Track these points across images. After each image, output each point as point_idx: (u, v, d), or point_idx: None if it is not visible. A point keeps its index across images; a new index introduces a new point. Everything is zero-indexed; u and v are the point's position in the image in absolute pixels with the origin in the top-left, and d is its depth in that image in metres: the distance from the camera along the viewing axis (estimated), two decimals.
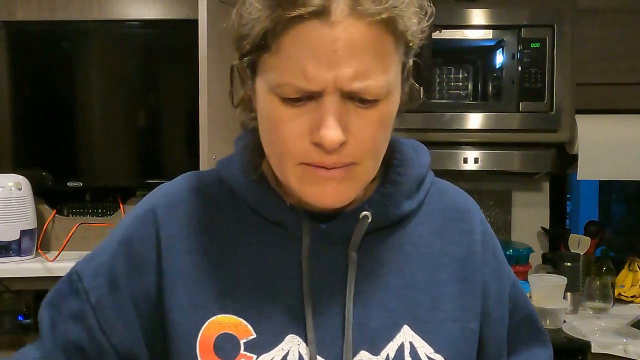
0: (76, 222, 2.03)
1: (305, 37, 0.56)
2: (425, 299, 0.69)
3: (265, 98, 0.62)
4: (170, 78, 2.12)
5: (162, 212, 0.70)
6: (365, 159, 0.62)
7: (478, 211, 0.77)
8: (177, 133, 2.14)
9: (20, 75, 2.08)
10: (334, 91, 0.58)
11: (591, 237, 2.06)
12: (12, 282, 1.86)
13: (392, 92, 0.61)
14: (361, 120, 0.60)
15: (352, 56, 0.56)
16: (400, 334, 0.66)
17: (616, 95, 1.95)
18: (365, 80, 0.57)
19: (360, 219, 0.67)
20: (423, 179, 0.74)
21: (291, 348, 0.64)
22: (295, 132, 0.60)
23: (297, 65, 0.57)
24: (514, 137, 1.91)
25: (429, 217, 0.73)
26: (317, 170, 0.61)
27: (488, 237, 0.76)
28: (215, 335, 0.65)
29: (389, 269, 0.69)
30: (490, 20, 1.89)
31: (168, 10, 2.07)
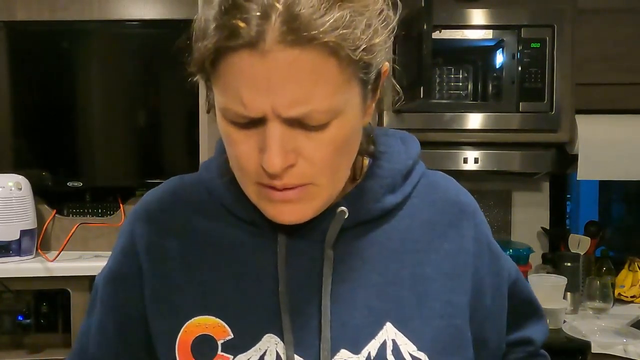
0: (76, 222, 2.03)
1: (239, 67, 0.55)
2: (409, 295, 0.67)
3: (218, 118, 0.61)
4: (170, 78, 2.12)
5: (139, 224, 0.71)
6: (321, 179, 0.60)
7: (471, 203, 0.75)
8: (177, 133, 2.14)
9: (20, 75, 2.08)
10: (275, 117, 0.56)
11: (591, 237, 2.06)
12: (12, 282, 1.86)
13: (342, 113, 0.58)
14: (310, 143, 0.58)
15: (287, 84, 0.54)
16: (382, 331, 0.65)
17: (616, 95, 1.95)
18: (305, 105, 0.55)
19: (337, 215, 0.66)
20: (410, 171, 0.71)
21: (269, 348, 0.64)
22: (246, 154, 0.59)
23: (235, 93, 0.56)
24: (514, 137, 1.91)
25: (417, 211, 0.71)
26: (270, 191, 0.60)
27: (481, 230, 0.74)
28: (193, 338, 0.65)
29: (371, 266, 0.67)
30: (490, 20, 1.89)
31: (168, 10, 2.07)
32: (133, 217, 0.73)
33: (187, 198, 0.72)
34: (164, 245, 0.69)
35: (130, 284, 0.71)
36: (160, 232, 0.70)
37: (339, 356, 0.64)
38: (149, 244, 0.70)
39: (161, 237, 0.70)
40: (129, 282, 0.71)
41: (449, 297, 0.69)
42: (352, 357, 0.64)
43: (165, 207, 0.72)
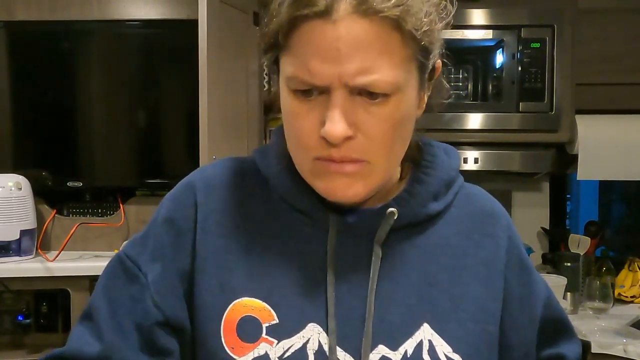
0: (76, 222, 2.03)
1: (310, 36, 0.59)
2: (446, 298, 0.69)
3: (283, 94, 0.65)
4: (170, 78, 2.12)
5: (200, 194, 0.73)
6: (377, 157, 0.63)
7: (505, 216, 0.78)
8: (177, 133, 2.14)
9: (20, 75, 2.08)
10: (340, 86, 0.60)
11: (591, 237, 2.06)
12: (12, 282, 1.86)
13: (403, 90, 0.62)
14: (369, 117, 0.61)
15: (356, 52, 0.58)
16: (419, 331, 0.67)
17: (616, 95, 1.95)
18: (371, 75, 0.59)
19: (387, 215, 0.69)
20: (452, 181, 0.75)
21: (312, 336, 0.65)
22: (307, 127, 0.63)
23: (304, 62, 0.60)
24: (514, 137, 1.91)
25: (456, 220, 0.74)
26: (328, 164, 0.63)
27: (514, 243, 0.76)
28: (239, 317, 0.67)
29: (411, 267, 0.70)
30: (490, 21, 1.89)
31: (168, 10, 2.07)
32: (191, 185, 0.74)
33: (244, 181, 0.74)
34: (219, 222, 0.71)
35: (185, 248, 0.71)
36: (218, 207, 0.72)
37: (377, 351, 0.65)
38: (207, 216, 0.71)
39: (218, 213, 0.71)
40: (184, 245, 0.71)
41: (483, 303, 0.71)
42: (390, 353, 0.65)
43: (226, 185, 0.73)
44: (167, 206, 0.74)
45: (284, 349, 0.65)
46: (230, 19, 1.76)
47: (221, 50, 1.68)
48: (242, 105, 1.86)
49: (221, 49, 1.68)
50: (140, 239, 0.75)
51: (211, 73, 1.60)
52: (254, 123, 1.93)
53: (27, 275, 1.85)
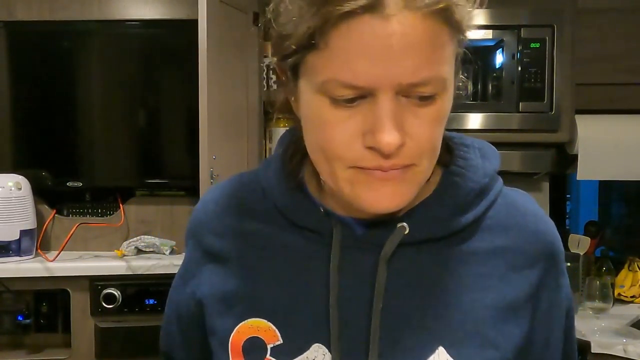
0: (76, 222, 2.03)
1: (357, 34, 0.52)
2: (467, 321, 0.63)
3: (311, 100, 0.58)
4: (170, 78, 2.12)
5: (201, 224, 0.74)
6: (423, 159, 0.59)
7: (549, 232, 0.70)
8: (177, 133, 2.14)
9: (20, 75, 2.08)
10: (388, 89, 0.54)
11: (591, 237, 2.06)
12: (12, 282, 1.86)
13: (447, 87, 0.57)
14: (418, 120, 0.56)
15: (409, 50, 0.53)
16: (434, 355, 0.61)
17: (616, 95, 1.95)
18: (423, 74, 0.54)
19: (396, 230, 0.63)
20: (485, 189, 0.67)
21: (316, 357, 0.63)
22: (346, 136, 0.56)
23: (347, 62, 0.53)
24: (514, 137, 1.91)
25: (489, 235, 0.66)
26: (372, 172, 0.57)
27: (556, 261, 0.69)
28: (245, 339, 0.66)
29: (430, 285, 0.64)
30: (490, 20, 1.89)
31: (168, 10, 2.07)
32: (194, 216, 0.76)
33: (243, 200, 0.72)
34: (222, 247, 0.71)
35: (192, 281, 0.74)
36: (217, 234, 0.72)
37: None
38: (210, 246, 0.72)
39: (219, 239, 0.71)
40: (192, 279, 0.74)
41: (506, 329, 0.64)
42: None
43: (220, 210, 0.73)
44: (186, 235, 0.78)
45: None
46: (230, 19, 1.76)
47: (221, 50, 1.68)
48: (242, 105, 1.86)
49: (221, 49, 1.68)
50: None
51: (211, 73, 1.60)
52: (254, 123, 1.93)
53: (27, 275, 1.85)
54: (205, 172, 1.59)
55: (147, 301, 1.85)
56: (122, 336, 1.86)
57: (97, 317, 1.88)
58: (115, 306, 1.86)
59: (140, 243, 1.99)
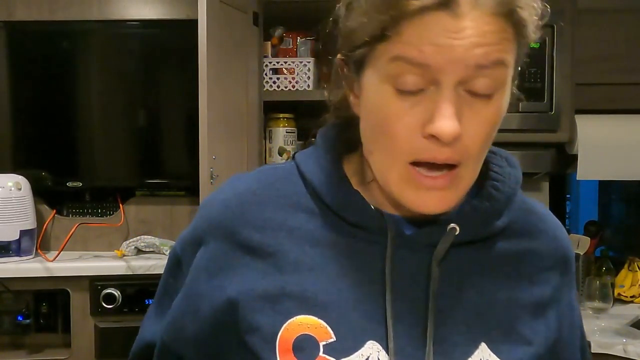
0: (76, 222, 2.03)
1: (430, 27, 0.55)
2: (503, 318, 0.67)
3: (376, 90, 0.60)
4: (170, 78, 2.12)
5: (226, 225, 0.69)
6: (472, 160, 0.61)
7: (565, 238, 0.76)
8: (177, 133, 2.14)
9: (20, 75, 2.08)
10: (452, 75, 0.56)
11: (591, 237, 2.06)
12: (11, 282, 1.86)
13: (506, 88, 0.60)
14: (474, 116, 0.58)
15: (477, 47, 0.56)
16: (478, 351, 0.65)
17: (616, 95, 1.95)
18: (490, 57, 0.56)
19: (448, 231, 0.65)
20: (514, 195, 0.71)
21: (371, 354, 0.63)
22: (406, 126, 0.58)
23: (417, 45, 0.56)
24: (514, 137, 1.91)
25: (515, 237, 0.71)
26: (422, 179, 0.60)
27: (570, 265, 0.75)
28: (295, 336, 0.64)
29: (470, 285, 0.67)
30: None
31: (168, 10, 2.07)
32: (225, 206, 0.70)
33: (283, 192, 0.70)
34: (263, 241, 0.67)
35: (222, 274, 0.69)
36: (257, 228, 0.68)
37: None
38: (247, 239, 0.68)
39: (260, 232, 0.68)
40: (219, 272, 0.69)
41: (537, 326, 0.69)
42: None
43: (261, 200, 0.69)
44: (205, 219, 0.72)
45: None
46: (230, 19, 1.76)
47: (221, 50, 1.68)
48: (242, 105, 1.86)
49: (221, 49, 1.68)
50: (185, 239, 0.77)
51: (211, 73, 1.60)
52: (253, 123, 1.93)
53: (27, 275, 1.85)
54: (205, 172, 1.59)
55: (147, 301, 1.85)
56: (122, 336, 1.85)
57: (97, 317, 1.88)
58: (115, 306, 1.86)
59: (140, 243, 1.99)
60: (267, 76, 1.99)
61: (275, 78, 2.00)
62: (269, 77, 1.99)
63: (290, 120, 2.05)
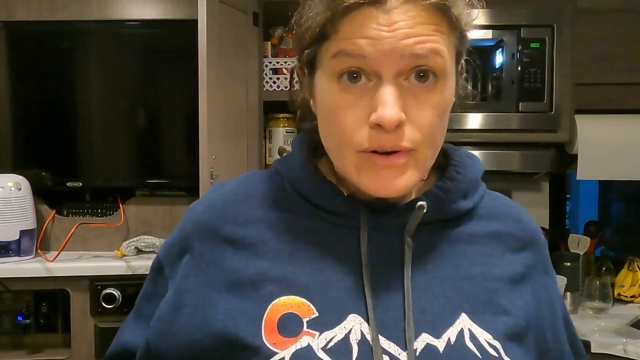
0: (76, 222, 2.03)
1: (363, 22, 0.60)
2: (480, 291, 0.70)
3: (325, 88, 0.65)
4: (170, 78, 2.12)
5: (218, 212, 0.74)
6: (423, 146, 0.64)
7: (532, 222, 0.79)
8: (177, 133, 2.14)
9: (20, 75, 2.08)
10: (392, 67, 0.60)
11: (591, 237, 2.06)
12: (11, 282, 1.86)
13: (448, 76, 0.64)
14: (419, 105, 0.62)
15: (409, 37, 0.60)
16: (459, 320, 0.67)
17: (616, 95, 1.95)
18: (426, 46, 0.60)
19: (416, 209, 0.69)
20: (478, 183, 0.76)
21: (353, 327, 0.65)
22: (353, 118, 0.63)
23: (354, 42, 0.61)
24: (514, 137, 1.91)
25: (484, 220, 0.75)
26: (375, 159, 0.63)
27: (541, 250, 0.78)
28: (279, 316, 0.66)
29: (444, 261, 0.71)
30: (490, 20, 1.89)
31: (168, 10, 2.07)
32: (208, 206, 0.75)
33: (263, 191, 0.75)
34: (244, 235, 0.71)
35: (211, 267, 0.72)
36: (238, 224, 0.72)
37: (421, 339, 0.66)
38: (230, 234, 0.72)
39: (241, 227, 0.72)
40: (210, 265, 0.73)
41: (514, 300, 0.72)
42: (434, 341, 0.66)
43: (242, 199, 0.74)
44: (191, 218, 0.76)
45: (326, 339, 0.65)
46: (230, 19, 1.76)
47: (221, 50, 1.68)
48: (242, 105, 1.86)
49: (221, 49, 1.68)
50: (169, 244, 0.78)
51: (211, 73, 1.60)
52: (253, 123, 1.93)
53: (27, 275, 1.85)
54: (205, 172, 1.59)
55: None
56: None
57: (97, 317, 1.88)
58: (115, 306, 1.86)
59: (140, 243, 1.99)
60: (267, 76, 1.99)
61: (275, 78, 2.00)
62: (269, 77, 1.99)
63: (290, 120, 2.05)
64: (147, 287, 0.81)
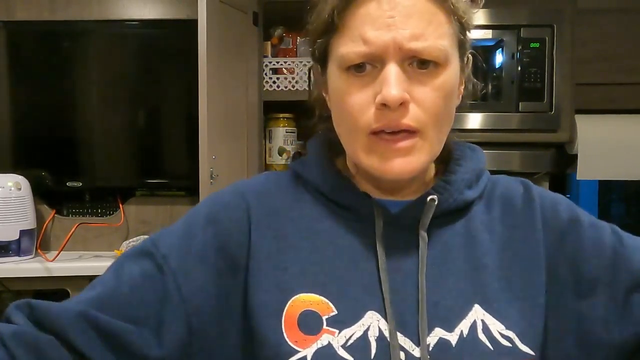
0: (76, 222, 2.03)
1: (365, 11, 0.66)
2: (493, 280, 0.71)
3: (336, 79, 0.70)
4: (170, 78, 2.12)
5: (252, 198, 0.76)
6: (428, 127, 0.67)
7: (528, 187, 0.80)
8: (177, 133, 2.14)
9: (20, 75, 2.08)
10: (394, 54, 0.65)
11: None
12: (11, 282, 1.86)
13: (449, 63, 0.68)
14: (422, 87, 0.66)
15: (408, 20, 0.65)
16: (472, 312, 0.69)
17: (616, 95, 1.95)
18: (423, 41, 0.65)
19: (428, 202, 0.72)
20: (481, 172, 0.79)
21: (371, 324, 0.67)
22: (360, 101, 0.67)
23: (359, 34, 0.66)
24: (514, 137, 1.91)
25: (489, 207, 0.77)
26: (383, 142, 0.67)
27: (546, 205, 0.79)
28: (299, 312, 0.68)
29: (457, 253, 0.72)
30: (490, 20, 1.89)
31: (168, 10, 2.07)
32: (239, 191, 0.77)
33: (287, 189, 0.78)
34: (270, 225, 0.74)
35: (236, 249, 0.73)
36: (268, 211, 0.75)
37: (434, 334, 0.67)
38: (259, 220, 0.74)
39: (268, 217, 0.74)
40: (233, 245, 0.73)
41: (529, 277, 0.73)
42: (447, 334, 0.67)
43: (272, 192, 0.77)
44: (211, 207, 0.76)
45: (346, 337, 0.66)
46: (230, 19, 1.76)
47: (221, 50, 1.68)
48: (242, 105, 1.86)
49: (221, 49, 1.68)
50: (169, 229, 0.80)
51: (211, 73, 1.60)
52: (253, 123, 1.93)
53: (27, 275, 1.85)
54: (205, 172, 1.59)
55: None
56: None
57: None
58: None
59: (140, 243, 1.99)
60: (267, 76, 1.99)
61: (275, 78, 2.00)
62: (268, 77, 2.00)
63: (290, 120, 2.05)
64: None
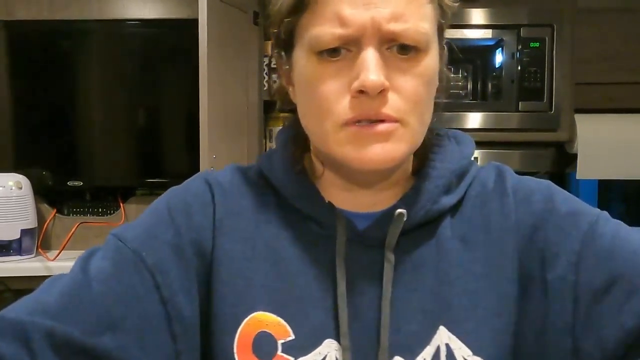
0: (76, 222, 2.03)
1: None
2: (461, 295, 0.64)
3: (304, 64, 0.61)
4: (170, 78, 2.12)
5: (217, 192, 0.69)
6: (409, 116, 0.59)
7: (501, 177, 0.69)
8: (177, 133, 2.14)
9: (20, 75, 2.08)
10: (372, 37, 0.57)
11: None
12: (12, 281, 1.86)
13: (431, 47, 0.61)
14: (402, 74, 0.59)
15: (388, 5, 0.57)
16: (436, 336, 0.62)
17: (615, 95, 1.95)
18: (404, 22, 0.58)
19: (395, 217, 0.64)
20: (464, 172, 0.69)
21: (329, 353, 0.63)
22: (334, 89, 0.59)
23: (334, 12, 0.58)
24: (514, 137, 1.91)
25: (470, 212, 0.67)
26: (361, 129, 0.59)
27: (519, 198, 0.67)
28: (255, 333, 0.63)
29: (425, 268, 0.65)
30: (490, 20, 1.89)
31: (168, 10, 2.07)
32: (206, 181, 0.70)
33: (254, 187, 0.70)
34: (234, 226, 0.67)
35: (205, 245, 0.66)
36: (232, 210, 0.68)
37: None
38: (223, 217, 0.67)
39: (233, 216, 0.68)
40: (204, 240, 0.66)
41: (499, 289, 0.64)
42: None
43: (237, 190, 0.70)
44: (180, 198, 0.68)
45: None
46: (230, 18, 1.76)
47: (221, 50, 1.68)
48: (242, 105, 1.86)
49: (221, 49, 1.68)
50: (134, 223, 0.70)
51: (211, 73, 1.60)
52: (254, 123, 1.93)
53: (28, 274, 1.85)
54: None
55: None
56: None
57: None
58: None
59: None
60: (268, 75, 2.00)
61: (275, 77, 2.00)
62: (269, 76, 2.00)
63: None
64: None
